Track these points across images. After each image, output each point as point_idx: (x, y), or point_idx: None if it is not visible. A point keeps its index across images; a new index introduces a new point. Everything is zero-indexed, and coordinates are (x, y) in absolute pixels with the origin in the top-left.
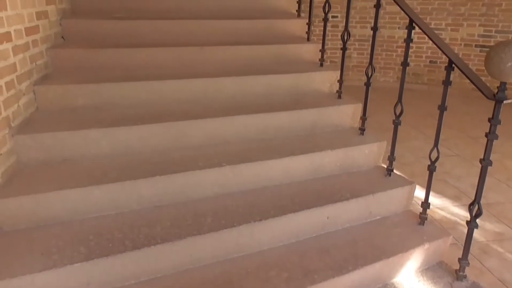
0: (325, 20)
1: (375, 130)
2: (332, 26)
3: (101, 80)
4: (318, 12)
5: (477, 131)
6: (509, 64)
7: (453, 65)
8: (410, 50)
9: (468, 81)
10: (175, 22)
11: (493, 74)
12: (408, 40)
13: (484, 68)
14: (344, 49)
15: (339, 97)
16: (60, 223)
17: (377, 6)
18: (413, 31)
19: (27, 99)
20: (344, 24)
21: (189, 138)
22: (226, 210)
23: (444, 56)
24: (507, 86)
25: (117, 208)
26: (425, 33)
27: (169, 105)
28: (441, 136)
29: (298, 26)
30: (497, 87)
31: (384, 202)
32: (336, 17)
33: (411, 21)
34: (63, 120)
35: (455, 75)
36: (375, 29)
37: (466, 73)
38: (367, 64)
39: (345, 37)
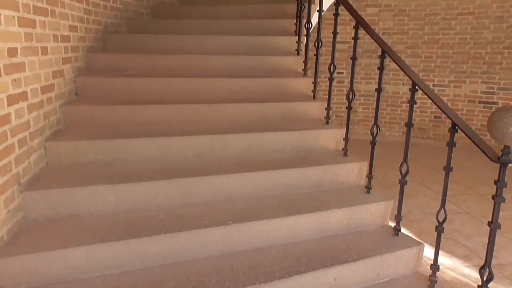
0: (330, 80)
1: (382, 185)
2: (337, 82)
3: (112, 136)
4: (324, 68)
5: (484, 187)
6: (511, 129)
7: (457, 127)
8: (415, 106)
9: None
10: (184, 80)
11: (496, 138)
12: (412, 102)
13: None
14: (349, 108)
15: (345, 154)
16: (63, 282)
17: (381, 68)
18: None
19: (37, 155)
20: (349, 80)
21: (195, 195)
22: (231, 270)
23: (456, 113)
24: None
25: (120, 267)
26: (428, 96)
27: (176, 161)
28: (449, 192)
29: (305, 84)
30: (501, 150)
31: (392, 264)
32: (342, 73)
33: (414, 84)
34: (72, 176)
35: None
36: (379, 90)
37: (470, 135)
38: (372, 118)
39: (350, 97)
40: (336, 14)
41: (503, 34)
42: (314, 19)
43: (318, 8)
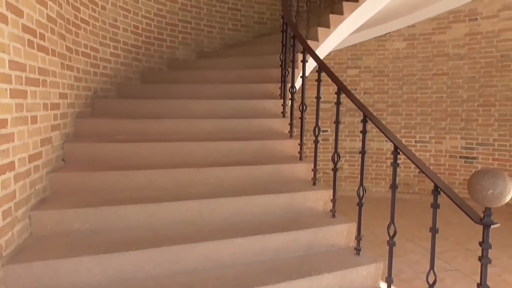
0: (316, 142)
1: (371, 243)
2: (323, 140)
3: (99, 204)
4: (310, 127)
5: (473, 243)
6: (490, 191)
7: (439, 189)
8: (399, 161)
9: (457, 190)
10: (173, 144)
11: (477, 200)
12: (395, 164)
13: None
14: (335, 170)
15: (333, 216)
16: None
17: (363, 132)
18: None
19: (22, 225)
20: (334, 138)
21: (184, 263)
22: None
23: (432, 166)
24: None
25: None
26: (410, 159)
27: (165, 228)
28: (438, 249)
29: (291, 146)
30: (483, 212)
31: None
32: (326, 131)
33: (396, 147)
34: (57, 246)
35: None
36: (363, 153)
37: (452, 197)
38: (358, 175)
39: (335, 159)
40: (319, 80)
41: (476, 93)
42: (298, 83)
43: (301, 74)
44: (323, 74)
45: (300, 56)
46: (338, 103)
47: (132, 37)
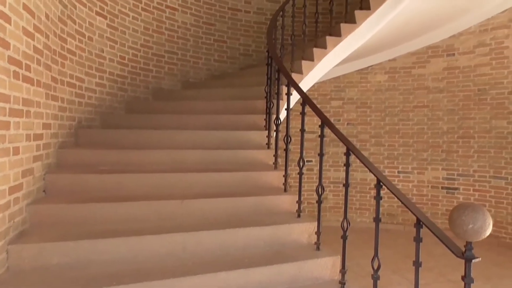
0: (300, 175)
1: (356, 274)
2: (307, 170)
3: (79, 237)
4: (295, 157)
5: (455, 274)
6: (470, 225)
7: (421, 223)
8: (382, 192)
9: (440, 220)
10: (158, 176)
11: (458, 235)
12: (378, 197)
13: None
14: (319, 203)
15: (318, 248)
16: None
17: (347, 165)
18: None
19: None
20: (318, 168)
21: None
22: None
23: (414, 197)
24: None
25: None
26: (393, 193)
27: (147, 261)
28: (422, 281)
29: (276, 177)
30: (464, 246)
31: None
32: (311, 161)
33: (379, 180)
34: (34, 282)
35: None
36: (346, 186)
37: (434, 231)
38: (343, 205)
39: (320, 191)
40: (303, 114)
41: (456, 125)
42: (283, 114)
43: (286, 106)
44: (307, 106)
45: (285, 89)
46: (322, 136)
47: (118, 67)
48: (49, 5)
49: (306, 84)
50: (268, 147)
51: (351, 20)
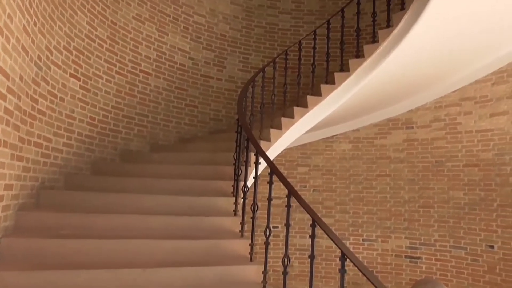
0: (266, 244)
1: None
2: (273, 236)
3: None
4: (262, 222)
5: None
6: None
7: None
8: (348, 268)
9: None
10: (121, 242)
11: None
12: (342, 270)
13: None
14: (285, 274)
15: None
16: None
17: (312, 236)
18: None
19: None
20: (284, 234)
21: None
22: None
23: (379, 265)
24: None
25: None
26: (357, 267)
27: None
28: None
29: (242, 246)
30: None
31: None
32: (277, 227)
33: (343, 253)
34: None
35: None
36: (312, 257)
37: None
38: (308, 273)
39: (285, 262)
40: (270, 183)
41: (416, 194)
42: (251, 181)
43: (254, 175)
44: (275, 175)
45: (253, 157)
46: (288, 207)
47: (88, 128)
48: (25, 67)
49: (274, 151)
50: (235, 214)
51: (317, 93)
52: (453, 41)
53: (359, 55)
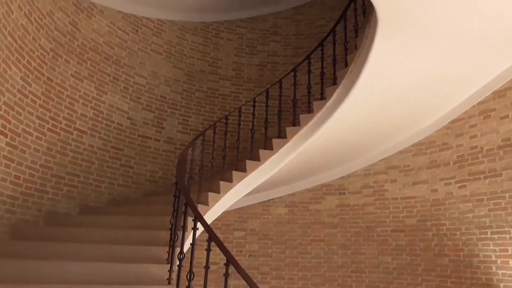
0: None
1: None
2: None
3: None
4: None
5: None
6: None
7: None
8: None
9: None
10: None
11: None
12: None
13: None
14: None
15: None
16: None
17: None
18: None
19: None
20: None
21: None
22: None
23: None
24: None
25: None
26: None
27: None
28: None
29: None
30: None
31: None
32: None
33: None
34: None
35: None
36: None
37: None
38: None
39: None
40: (208, 250)
41: (349, 259)
42: (187, 247)
43: (191, 241)
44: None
45: (191, 222)
46: (226, 275)
47: (11, 187)
48: None
49: (211, 215)
50: (169, 283)
51: (256, 158)
52: (378, 115)
53: (296, 123)
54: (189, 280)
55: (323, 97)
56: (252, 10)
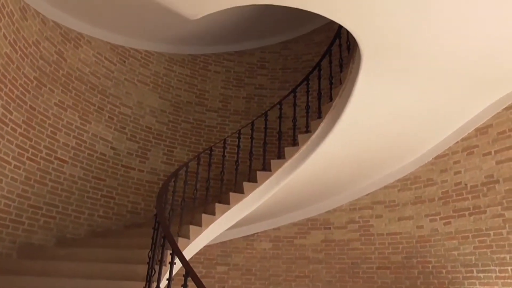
0: None
1: None
2: None
3: None
4: None
5: None
6: None
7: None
8: None
9: None
10: None
11: None
12: None
13: None
14: None
15: None
16: None
17: None
18: None
19: None
20: None
21: None
22: None
23: None
24: None
25: None
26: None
27: None
28: None
29: None
30: None
31: None
32: None
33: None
34: None
35: None
36: None
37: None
38: None
39: None
40: (185, 285)
41: None
42: (165, 282)
43: (168, 276)
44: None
45: (170, 256)
46: None
47: None
48: None
49: (192, 249)
50: None
51: (240, 190)
52: (363, 149)
53: (281, 156)
54: None
55: (308, 130)
56: (240, 44)
